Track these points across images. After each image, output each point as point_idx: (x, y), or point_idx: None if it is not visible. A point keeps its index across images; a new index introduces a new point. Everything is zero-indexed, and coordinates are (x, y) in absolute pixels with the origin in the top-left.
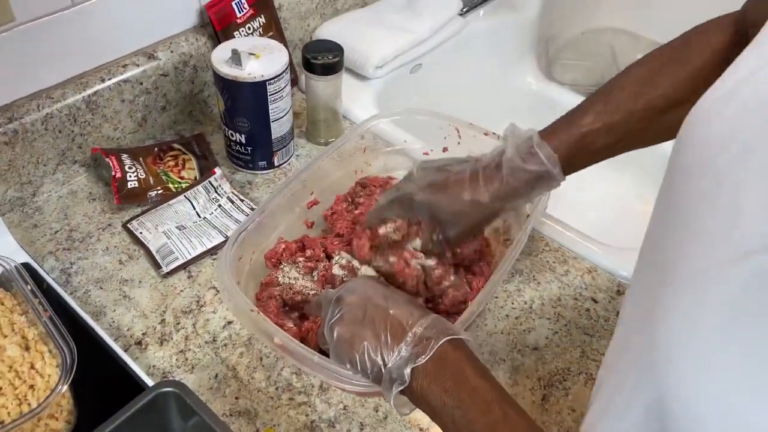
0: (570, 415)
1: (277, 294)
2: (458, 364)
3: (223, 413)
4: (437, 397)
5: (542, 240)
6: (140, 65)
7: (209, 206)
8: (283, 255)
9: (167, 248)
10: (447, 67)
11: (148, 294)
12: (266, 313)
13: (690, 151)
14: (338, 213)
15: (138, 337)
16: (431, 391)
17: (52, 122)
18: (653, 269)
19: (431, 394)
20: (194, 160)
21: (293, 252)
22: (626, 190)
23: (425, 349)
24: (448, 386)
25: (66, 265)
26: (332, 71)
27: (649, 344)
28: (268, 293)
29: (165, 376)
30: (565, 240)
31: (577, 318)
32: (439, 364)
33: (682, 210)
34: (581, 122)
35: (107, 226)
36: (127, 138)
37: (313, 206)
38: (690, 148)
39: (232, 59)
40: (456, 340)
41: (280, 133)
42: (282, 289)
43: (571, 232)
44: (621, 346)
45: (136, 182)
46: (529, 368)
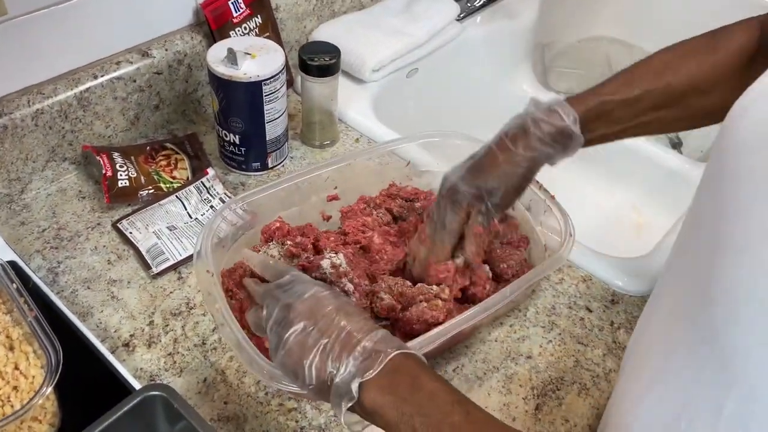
0: (563, 425)
1: (247, 266)
2: (412, 371)
3: (211, 418)
4: (393, 409)
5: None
6: (134, 63)
7: (201, 207)
8: (276, 234)
9: (157, 249)
10: (443, 72)
11: (136, 295)
12: (229, 279)
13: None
14: (353, 212)
15: (126, 339)
16: (386, 404)
17: (42, 118)
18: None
19: (386, 406)
20: (187, 160)
21: (285, 233)
22: (622, 201)
23: (374, 363)
24: (404, 395)
25: (53, 264)
26: (328, 73)
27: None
28: (240, 263)
29: (153, 379)
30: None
31: (571, 327)
32: (391, 376)
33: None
34: (602, 91)
35: (96, 225)
36: (119, 136)
37: (332, 200)
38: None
39: (228, 58)
40: (407, 353)
41: (274, 135)
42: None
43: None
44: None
45: (127, 181)
46: (522, 377)
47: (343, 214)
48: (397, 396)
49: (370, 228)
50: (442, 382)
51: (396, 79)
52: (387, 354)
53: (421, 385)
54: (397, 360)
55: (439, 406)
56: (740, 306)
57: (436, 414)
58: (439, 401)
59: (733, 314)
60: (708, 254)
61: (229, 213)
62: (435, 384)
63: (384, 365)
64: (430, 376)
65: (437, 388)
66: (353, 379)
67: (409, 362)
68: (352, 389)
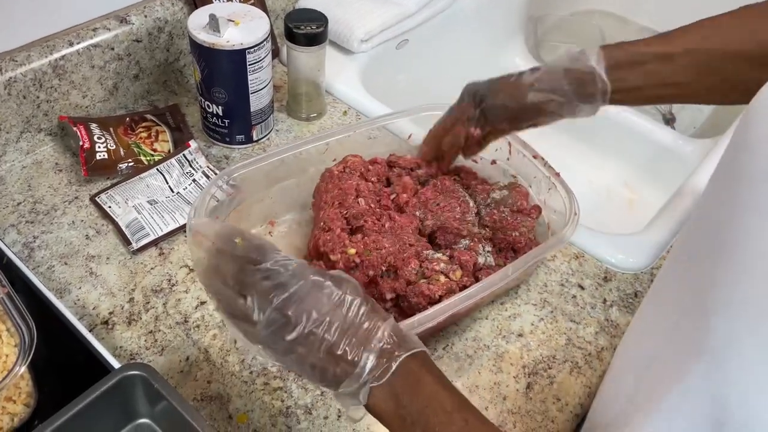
0: (555, 404)
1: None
2: (416, 375)
3: (193, 398)
4: (395, 416)
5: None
6: (111, 29)
7: (183, 181)
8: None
9: (138, 224)
10: (434, 44)
11: (116, 271)
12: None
13: (763, 125)
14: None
15: (104, 317)
16: (388, 410)
17: (15, 87)
18: (706, 249)
19: (388, 413)
20: (168, 132)
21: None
22: (614, 178)
23: (384, 369)
24: (405, 402)
25: (29, 239)
26: (315, 42)
27: (705, 330)
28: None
29: (133, 358)
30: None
31: (564, 304)
32: (395, 380)
33: (745, 187)
34: (638, 43)
35: (74, 199)
36: (97, 107)
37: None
38: (761, 120)
39: (210, 25)
40: (414, 352)
41: (259, 106)
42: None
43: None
44: (664, 329)
45: (106, 153)
46: (513, 355)
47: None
48: (398, 403)
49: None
50: (443, 385)
51: (385, 51)
52: (397, 358)
53: (422, 390)
54: (404, 362)
55: (438, 415)
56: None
57: (434, 423)
58: (438, 409)
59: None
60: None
61: (215, 189)
62: (436, 389)
63: (394, 371)
64: (432, 380)
65: (438, 394)
66: (362, 387)
67: (414, 364)
68: (360, 397)
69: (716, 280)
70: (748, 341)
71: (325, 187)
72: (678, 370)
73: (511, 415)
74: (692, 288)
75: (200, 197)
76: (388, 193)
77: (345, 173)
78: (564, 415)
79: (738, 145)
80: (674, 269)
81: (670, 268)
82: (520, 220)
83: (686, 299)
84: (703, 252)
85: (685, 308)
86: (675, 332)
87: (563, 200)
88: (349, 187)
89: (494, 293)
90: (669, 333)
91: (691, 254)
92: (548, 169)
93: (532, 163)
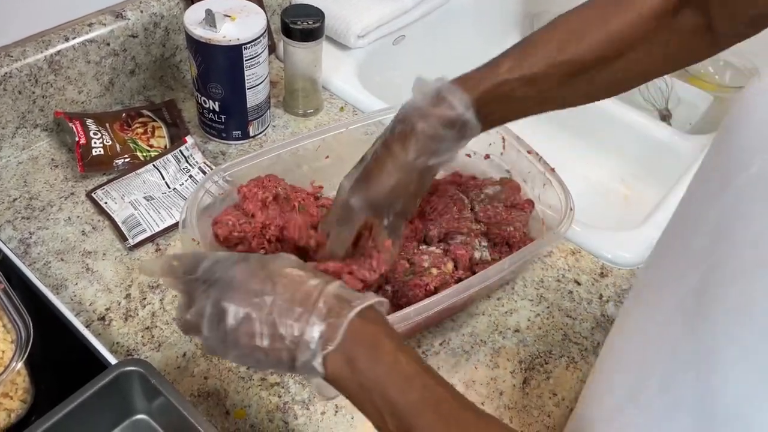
0: (551, 399)
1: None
2: (371, 339)
3: (190, 394)
4: (354, 383)
5: None
6: (107, 25)
7: (180, 177)
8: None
9: (134, 219)
10: (430, 40)
11: (112, 267)
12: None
13: (742, 134)
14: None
15: (101, 313)
16: (347, 377)
17: (11, 82)
18: (692, 255)
19: (347, 380)
20: (164, 128)
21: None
22: (610, 174)
23: (333, 332)
24: (363, 368)
25: (25, 234)
26: (312, 37)
27: (692, 337)
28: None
29: (129, 354)
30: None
31: (560, 300)
32: (351, 345)
33: (729, 192)
34: (498, 70)
35: (70, 195)
36: (93, 102)
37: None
38: (742, 132)
39: (206, 20)
40: (366, 310)
41: (255, 102)
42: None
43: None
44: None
45: (102, 149)
46: (510, 351)
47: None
48: (356, 369)
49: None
50: (400, 350)
51: (382, 46)
52: (343, 319)
53: (380, 356)
54: (357, 324)
55: (396, 382)
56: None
57: (393, 391)
58: (396, 375)
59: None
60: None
61: (211, 184)
62: (393, 353)
63: (344, 330)
64: (389, 345)
65: (395, 359)
66: (315, 357)
67: (368, 328)
68: (316, 367)
69: (701, 285)
70: (731, 348)
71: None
72: (665, 375)
73: (507, 410)
74: (675, 292)
75: (193, 194)
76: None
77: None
78: (560, 410)
79: (720, 149)
80: (657, 271)
81: (653, 268)
82: (514, 215)
83: (669, 303)
84: (685, 256)
85: (669, 313)
86: (659, 338)
87: (558, 196)
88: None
89: (489, 288)
90: (654, 338)
91: (675, 257)
92: (543, 165)
93: (527, 159)
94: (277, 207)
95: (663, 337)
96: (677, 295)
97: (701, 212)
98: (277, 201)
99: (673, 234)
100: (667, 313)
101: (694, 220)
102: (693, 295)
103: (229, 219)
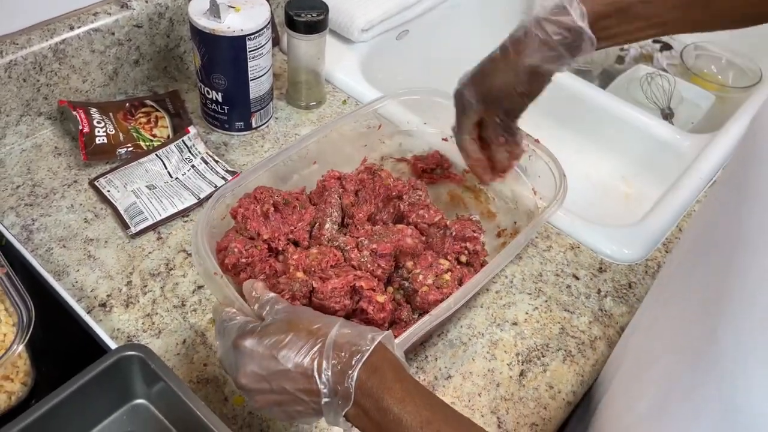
0: (547, 391)
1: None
2: (377, 392)
3: (189, 380)
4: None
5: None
6: (112, 14)
7: (182, 166)
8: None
9: (136, 208)
10: (434, 35)
11: (114, 254)
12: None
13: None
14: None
15: (102, 299)
16: (363, 425)
17: (16, 70)
18: (713, 257)
19: (364, 427)
20: (167, 118)
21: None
22: (611, 171)
23: (347, 394)
24: (377, 420)
25: (28, 221)
26: (315, 30)
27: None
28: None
29: (130, 340)
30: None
31: (558, 294)
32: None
33: (754, 197)
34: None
35: (73, 183)
36: (97, 91)
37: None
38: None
39: (211, 11)
40: (373, 354)
41: (258, 93)
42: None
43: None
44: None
45: (105, 138)
46: (507, 343)
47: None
48: (371, 419)
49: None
50: (408, 398)
51: (386, 41)
52: (351, 378)
53: (388, 407)
54: (363, 378)
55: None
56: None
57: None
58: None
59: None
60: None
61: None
62: (400, 406)
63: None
64: (396, 394)
65: (403, 411)
66: (338, 415)
67: (374, 379)
68: (341, 424)
69: (722, 292)
70: (755, 353)
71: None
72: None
73: (503, 401)
74: (698, 297)
75: (202, 218)
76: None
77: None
78: (556, 402)
79: (743, 158)
80: (680, 274)
81: (675, 272)
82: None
83: (692, 307)
84: (709, 262)
85: (691, 316)
86: (682, 340)
87: (548, 165)
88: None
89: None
90: (676, 341)
91: (696, 263)
92: (527, 138)
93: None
94: (278, 216)
95: (686, 345)
96: (700, 301)
97: (726, 218)
98: (278, 209)
99: (695, 239)
100: (690, 320)
101: (718, 226)
102: (715, 303)
103: (235, 246)
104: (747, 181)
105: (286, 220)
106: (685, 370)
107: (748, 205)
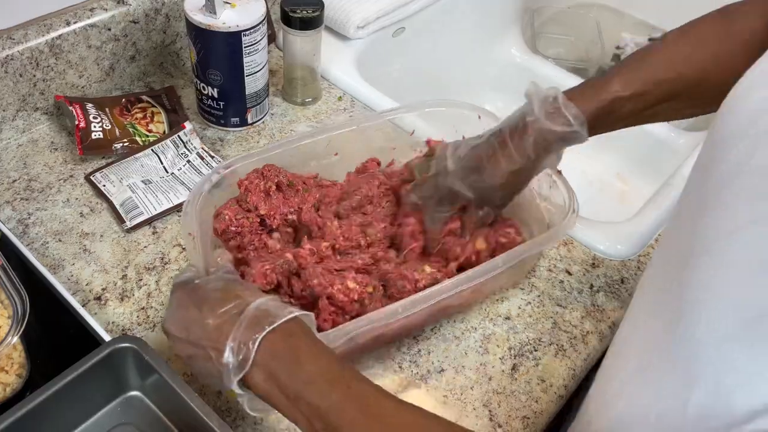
0: (539, 385)
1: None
2: (289, 352)
3: (183, 372)
4: (279, 396)
5: None
6: (109, 10)
7: (178, 162)
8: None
9: (132, 202)
10: (430, 32)
11: (109, 248)
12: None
13: (730, 121)
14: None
15: (97, 293)
16: (271, 391)
17: (12, 65)
18: (682, 246)
19: (272, 394)
20: (163, 114)
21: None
22: (606, 169)
23: (248, 353)
24: (285, 381)
25: (23, 215)
26: (311, 26)
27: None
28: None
29: (124, 333)
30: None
31: (551, 289)
32: (271, 361)
33: (715, 177)
34: (611, 87)
35: (69, 177)
36: (93, 87)
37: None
38: (730, 119)
39: (206, 7)
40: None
41: (254, 89)
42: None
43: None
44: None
45: (101, 133)
46: (499, 337)
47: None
48: (279, 383)
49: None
50: (321, 357)
51: (381, 38)
52: (259, 335)
53: (300, 367)
54: (275, 339)
55: (318, 388)
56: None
57: (315, 396)
58: (317, 382)
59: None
60: (684, 252)
61: (217, 177)
62: (314, 364)
63: (257, 353)
64: (309, 354)
65: (316, 369)
66: (232, 380)
67: (288, 341)
68: (235, 389)
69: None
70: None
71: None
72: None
73: (495, 395)
74: (669, 296)
75: (198, 185)
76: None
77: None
78: (548, 396)
79: (709, 144)
80: (653, 274)
81: (650, 273)
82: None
83: (664, 306)
84: (677, 255)
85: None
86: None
87: (564, 198)
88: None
89: (483, 293)
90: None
91: (668, 258)
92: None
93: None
94: (280, 196)
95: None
96: (668, 281)
97: (689, 203)
98: (281, 189)
99: (669, 227)
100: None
101: (684, 212)
102: (678, 285)
103: (227, 213)
104: (709, 163)
105: (287, 201)
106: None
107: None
